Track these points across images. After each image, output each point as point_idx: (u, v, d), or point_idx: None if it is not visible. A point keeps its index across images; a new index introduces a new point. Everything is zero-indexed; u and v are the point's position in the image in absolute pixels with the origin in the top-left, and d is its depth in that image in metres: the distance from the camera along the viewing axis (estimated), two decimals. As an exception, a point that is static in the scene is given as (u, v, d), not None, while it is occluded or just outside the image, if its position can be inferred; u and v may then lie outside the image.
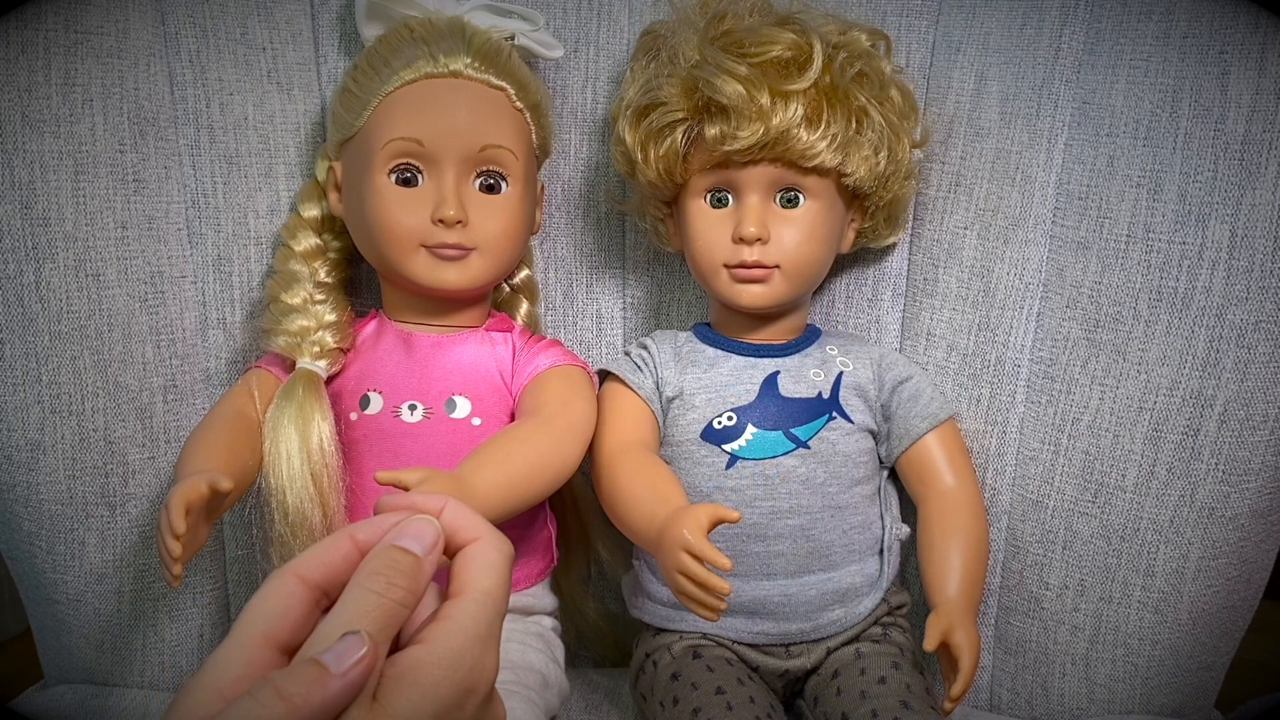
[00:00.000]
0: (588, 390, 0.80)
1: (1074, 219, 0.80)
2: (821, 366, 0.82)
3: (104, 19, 0.81)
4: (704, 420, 0.80)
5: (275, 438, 0.75)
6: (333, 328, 0.80)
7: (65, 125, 0.79)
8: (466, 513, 0.49)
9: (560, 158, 0.90)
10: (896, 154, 0.80)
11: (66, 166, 0.80)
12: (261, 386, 0.79)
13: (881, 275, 0.89)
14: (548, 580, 0.85)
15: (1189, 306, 0.76)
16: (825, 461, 0.79)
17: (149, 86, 0.83)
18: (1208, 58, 0.75)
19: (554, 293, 0.92)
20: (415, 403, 0.78)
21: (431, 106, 0.76)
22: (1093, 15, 0.80)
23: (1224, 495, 0.77)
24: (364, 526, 0.48)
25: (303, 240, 0.83)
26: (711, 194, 0.80)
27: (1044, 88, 0.82)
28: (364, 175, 0.77)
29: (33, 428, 0.81)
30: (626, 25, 0.88)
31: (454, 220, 0.75)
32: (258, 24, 0.87)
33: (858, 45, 0.80)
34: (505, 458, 0.71)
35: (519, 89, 0.79)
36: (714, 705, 0.74)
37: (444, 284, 0.77)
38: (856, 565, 0.81)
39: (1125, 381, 0.79)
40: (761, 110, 0.75)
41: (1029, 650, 0.86)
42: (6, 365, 0.80)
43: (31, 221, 0.79)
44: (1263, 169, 0.73)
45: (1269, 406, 0.76)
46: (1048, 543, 0.83)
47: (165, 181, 0.84)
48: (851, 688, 0.77)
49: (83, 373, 0.81)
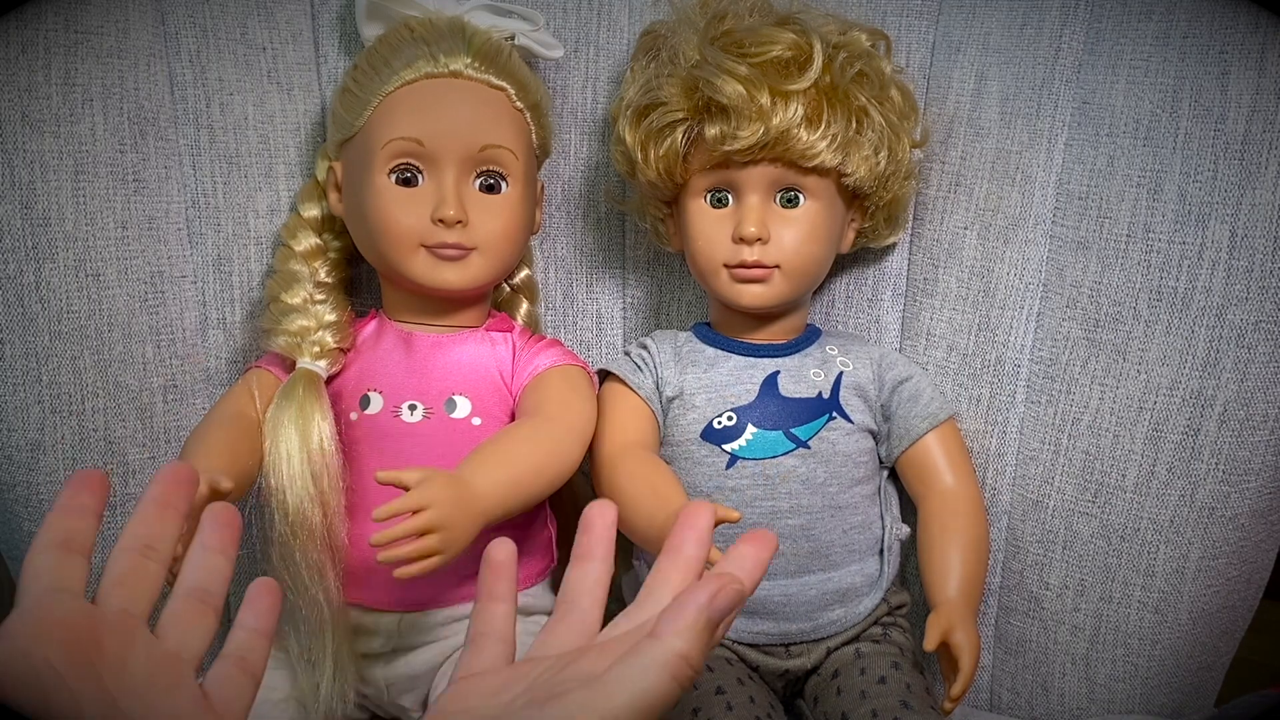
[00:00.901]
0: (588, 390, 0.80)
1: (1074, 219, 0.80)
2: (821, 366, 0.82)
3: (104, 19, 0.81)
4: (704, 420, 0.80)
5: (275, 438, 0.75)
6: (333, 328, 0.80)
7: (65, 125, 0.79)
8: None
9: (560, 158, 0.90)
10: (896, 154, 0.80)
11: (67, 166, 0.80)
12: (261, 386, 0.79)
13: (881, 275, 0.89)
14: (548, 580, 0.84)
15: (1189, 306, 0.76)
16: (825, 461, 0.79)
17: (149, 86, 0.83)
18: (1208, 58, 0.75)
19: (554, 293, 0.92)
20: (415, 403, 0.78)
21: (431, 106, 0.76)
22: (1093, 15, 0.80)
23: (1224, 495, 0.77)
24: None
25: (303, 240, 0.83)
26: (711, 194, 0.80)
27: (1044, 88, 0.82)
28: (364, 175, 0.77)
29: (33, 428, 0.81)
30: (626, 25, 0.88)
31: (454, 220, 0.75)
32: (258, 24, 0.87)
33: (858, 45, 0.80)
34: (506, 458, 0.71)
35: (519, 89, 0.79)
36: (713, 705, 0.74)
37: (444, 284, 0.77)
38: (856, 565, 0.81)
39: (1125, 381, 0.79)
40: (762, 110, 0.75)
41: (1029, 650, 0.86)
42: (6, 365, 0.80)
43: (32, 221, 0.79)
44: (1263, 169, 0.73)
45: (1269, 406, 0.76)
46: (1048, 543, 0.83)
47: (165, 181, 0.84)
48: (851, 688, 0.77)
49: (83, 373, 0.81)
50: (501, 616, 0.56)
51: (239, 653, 0.51)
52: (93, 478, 0.51)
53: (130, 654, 0.46)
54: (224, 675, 0.50)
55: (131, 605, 0.49)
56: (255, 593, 0.53)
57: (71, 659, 0.44)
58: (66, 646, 0.45)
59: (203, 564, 0.52)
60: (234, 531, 0.54)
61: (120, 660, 0.46)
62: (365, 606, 0.77)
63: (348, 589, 0.75)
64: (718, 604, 0.47)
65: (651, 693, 0.44)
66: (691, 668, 0.45)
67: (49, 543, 0.48)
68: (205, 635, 0.51)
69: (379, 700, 0.80)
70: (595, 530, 0.57)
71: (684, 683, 0.45)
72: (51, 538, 0.48)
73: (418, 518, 0.64)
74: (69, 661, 0.44)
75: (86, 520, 0.50)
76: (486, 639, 0.55)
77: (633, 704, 0.44)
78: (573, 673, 0.48)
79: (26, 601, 0.46)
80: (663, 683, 0.45)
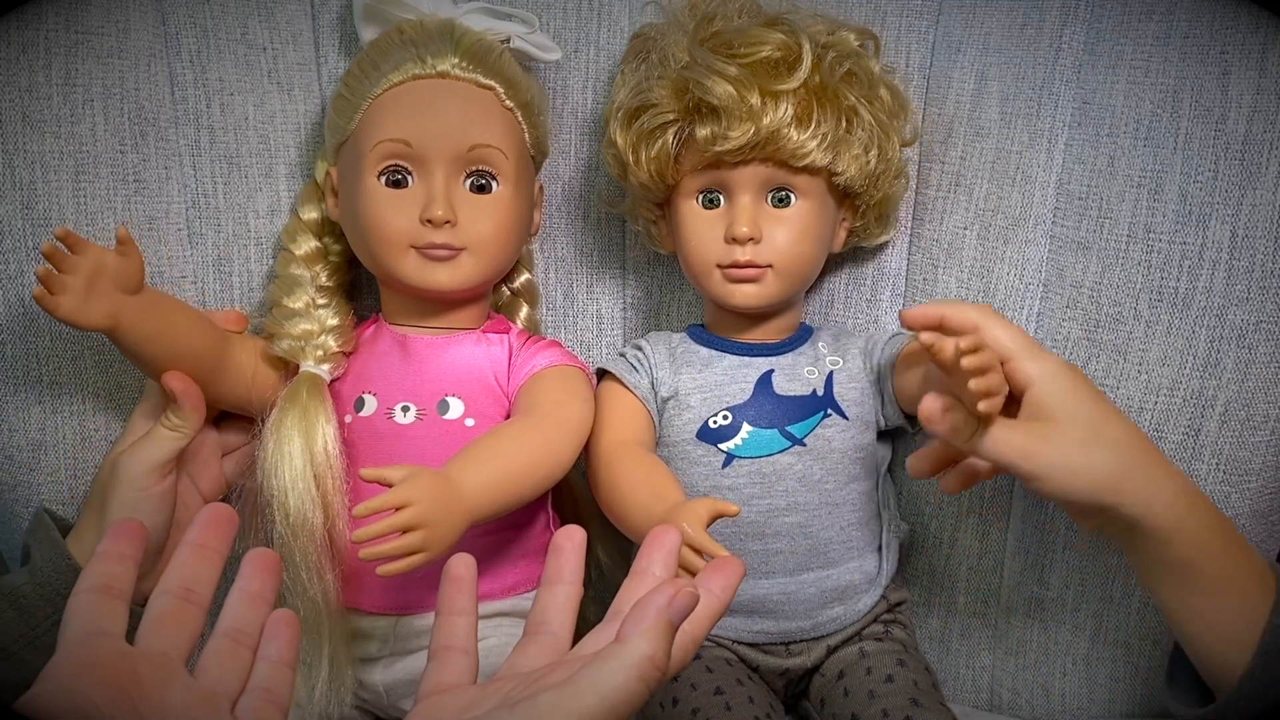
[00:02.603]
0: (585, 390, 0.80)
1: (1074, 219, 0.80)
2: (815, 364, 0.82)
3: (104, 19, 0.81)
4: (699, 420, 0.80)
5: (279, 439, 0.75)
6: (335, 331, 0.80)
7: (66, 125, 0.80)
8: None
9: (560, 158, 0.90)
10: (887, 153, 0.80)
11: (67, 167, 0.80)
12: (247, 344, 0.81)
13: (881, 275, 0.89)
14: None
15: (1190, 307, 0.76)
16: (822, 458, 0.79)
17: (149, 87, 0.83)
18: (1208, 58, 0.75)
19: (554, 293, 0.92)
20: (408, 404, 0.78)
21: (419, 107, 0.76)
22: (1093, 15, 0.80)
23: (1224, 495, 0.77)
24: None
25: (303, 244, 0.83)
26: (703, 195, 0.80)
27: (1044, 88, 0.82)
28: (356, 178, 0.77)
29: (33, 428, 0.81)
30: (626, 25, 0.88)
31: (442, 220, 0.75)
32: (258, 24, 0.87)
33: (846, 45, 0.80)
34: (494, 456, 0.71)
35: (508, 87, 0.79)
36: (713, 705, 0.74)
37: (434, 284, 0.77)
38: (855, 562, 0.81)
39: (1126, 382, 0.79)
40: (752, 110, 0.75)
41: (1029, 650, 0.86)
42: (6, 365, 0.80)
43: (32, 222, 0.79)
44: (1263, 169, 0.73)
45: (1269, 407, 0.76)
46: (1048, 543, 0.83)
47: (166, 182, 0.84)
48: (859, 688, 0.77)
49: (83, 373, 0.81)
50: (464, 630, 0.57)
51: (265, 685, 0.53)
52: (130, 527, 0.53)
53: (168, 692, 0.49)
54: (253, 707, 0.52)
55: (170, 646, 0.51)
56: (275, 625, 0.55)
57: (113, 696, 0.46)
58: (107, 685, 0.47)
59: (241, 607, 0.55)
60: (275, 578, 0.56)
61: (159, 698, 0.48)
62: (360, 610, 0.78)
63: (344, 592, 0.76)
64: (676, 606, 0.49)
65: (619, 693, 0.46)
66: (658, 669, 0.47)
67: (89, 587, 0.50)
68: (240, 674, 0.53)
69: (378, 704, 0.80)
70: (564, 553, 0.59)
71: (651, 684, 0.47)
72: (92, 583, 0.50)
73: (399, 514, 0.64)
74: (110, 698, 0.46)
75: (125, 566, 0.52)
76: (450, 652, 0.57)
77: (601, 704, 0.46)
78: (542, 685, 0.49)
79: (68, 644, 0.49)
80: (630, 683, 0.46)
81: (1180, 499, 0.66)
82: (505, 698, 0.51)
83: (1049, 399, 0.65)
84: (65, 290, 0.69)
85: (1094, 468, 0.64)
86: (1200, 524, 0.66)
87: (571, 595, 0.58)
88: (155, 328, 0.73)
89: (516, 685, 0.51)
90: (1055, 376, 0.66)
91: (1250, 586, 0.66)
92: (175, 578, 0.53)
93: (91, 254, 0.70)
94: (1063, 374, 0.66)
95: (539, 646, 0.56)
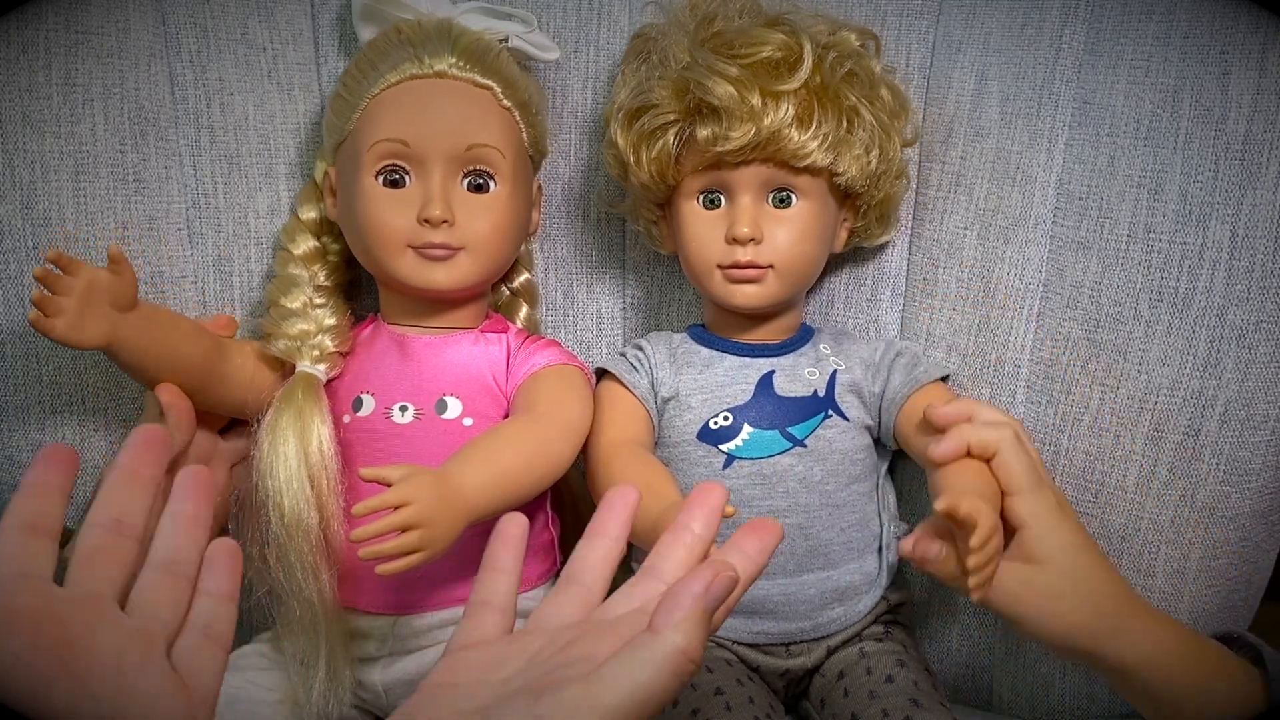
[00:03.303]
0: (583, 390, 0.80)
1: (1074, 219, 0.80)
2: (816, 365, 0.82)
3: (104, 19, 0.81)
4: (700, 421, 0.80)
5: (274, 439, 0.75)
6: (332, 331, 0.80)
7: (66, 125, 0.80)
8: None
9: (560, 158, 0.90)
10: (888, 153, 0.80)
11: (67, 166, 0.80)
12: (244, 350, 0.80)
13: (881, 275, 0.89)
14: (550, 583, 0.84)
15: (1190, 307, 0.76)
16: (822, 459, 0.79)
17: (149, 87, 0.83)
18: (1209, 58, 0.75)
19: (554, 293, 0.92)
20: (406, 404, 0.78)
21: (416, 107, 0.76)
22: (1093, 15, 0.80)
23: (1225, 495, 0.77)
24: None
25: (301, 244, 0.83)
26: (704, 195, 0.80)
27: (1044, 88, 0.82)
28: (354, 178, 0.77)
29: (33, 428, 0.81)
30: (626, 25, 0.88)
31: (439, 220, 0.75)
32: (258, 24, 0.87)
33: (847, 45, 0.80)
34: (493, 455, 0.71)
35: (506, 87, 0.79)
36: (713, 706, 0.74)
37: (432, 284, 0.77)
38: (855, 563, 0.81)
39: (1126, 382, 0.79)
40: (753, 111, 0.75)
41: (1029, 650, 0.85)
42: (6, 365, 0.80)
43: (33, 222, 0.79)
44: (1264, 169, 0.73)
45: (1270, 407, 0.76)
46: (1048, 543, 0.83)
47: (166, 181, 0.84)
48: (859, 688, 0.77)
49: (83, 373, 0.81)
50: (504, 587, 0.54)
51: (204, 621, 0.49)
52: (60, 453, 0.49)
53: (97, 635, 0.45)
54: (191, 646, 0.48)
55: (101, 585, 0.47)
56: (214, 555, 0.51)
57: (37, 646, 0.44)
58: (31, 635, 0.44)
59: (175, 534, 0.50)
60: (208, 500, 0.51)
61: (88, 642, 0.45)
62: (359, 610, 0.78)
63: (341, 592, 0.76)
64: (713, 592, 0.46)
65: (649, 688, 0.44)
66: (692, 662, 0.45)
67: (14, 525, 0.46)
68: (177, 609, 0.49)
69: (377, 704, 0.80)
70: (615, 509, 0.56)
71: (685, 678, 0.45)
72: (17, 520, 0.47)
73: (398, 514, 0.64)
74: (35, 648, 0.43)
75: (53, 501, 0.48)
76: (486, 608, 0.54)
77: (632, 698, 0.44)
78: (571, 655, 0.47)
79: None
80: (662, 677, 0.44)
81: (1159, 647, 0.67)
82: (529, 666, 0.48)
83: (1038, 545, 0.67)
84: (60, 312, 0.69)
85: (1071, 619, 0.66)
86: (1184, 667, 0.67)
87: (611, 551, 0.55)
88: (150, 342, 0.73)
89: (546, 643, 0.49)
90: (1048, 521, 0.68)
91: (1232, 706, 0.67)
92: (105, 509, 0.48)
93: (84, 274, 0.69)
94: (1055, 521, 0.68)
95: (569, 598, 0.54)
